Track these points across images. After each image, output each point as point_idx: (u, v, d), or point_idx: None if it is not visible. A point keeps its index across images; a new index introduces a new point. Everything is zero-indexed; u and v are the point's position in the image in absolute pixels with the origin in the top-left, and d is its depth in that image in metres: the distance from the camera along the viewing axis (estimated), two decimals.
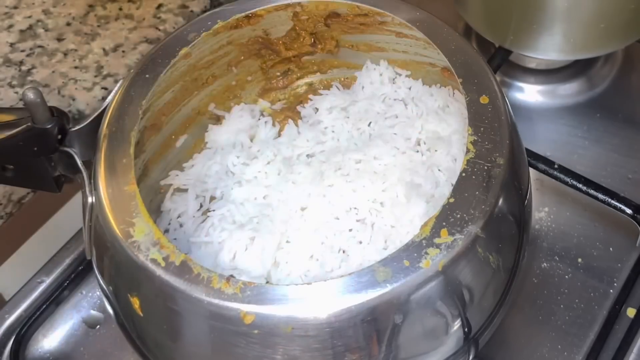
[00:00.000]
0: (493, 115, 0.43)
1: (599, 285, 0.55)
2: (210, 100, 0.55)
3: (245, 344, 0.38)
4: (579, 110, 0.66)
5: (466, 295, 0.40)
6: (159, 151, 0.52)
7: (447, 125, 0.51)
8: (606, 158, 0.62)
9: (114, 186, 0.42)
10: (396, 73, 0.55)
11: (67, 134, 0.45)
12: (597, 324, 0.53)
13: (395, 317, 0.38)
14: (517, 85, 0.68)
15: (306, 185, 0.49)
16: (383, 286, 0.37)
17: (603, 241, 0.57)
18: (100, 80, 0.63)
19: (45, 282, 0.56)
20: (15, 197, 0.57)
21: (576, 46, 0.63)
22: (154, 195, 0.51)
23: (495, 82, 0.45)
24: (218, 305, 0.37)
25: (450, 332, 0.41)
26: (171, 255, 0.39)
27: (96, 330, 0.55)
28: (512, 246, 0.44)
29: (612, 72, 0.68)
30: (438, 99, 0.53)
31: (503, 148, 0.42)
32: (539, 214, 0.59)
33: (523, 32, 0.62)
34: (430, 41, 0.48)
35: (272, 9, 0.51)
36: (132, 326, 0.44)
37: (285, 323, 0.37)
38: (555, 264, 0.56)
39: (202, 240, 0.48)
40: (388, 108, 0.54)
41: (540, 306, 0.54)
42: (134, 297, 0.41)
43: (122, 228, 0.40)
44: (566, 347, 0.52)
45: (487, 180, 0.40)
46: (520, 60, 0.68)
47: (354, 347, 0.38)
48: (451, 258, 0.38)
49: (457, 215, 0.39)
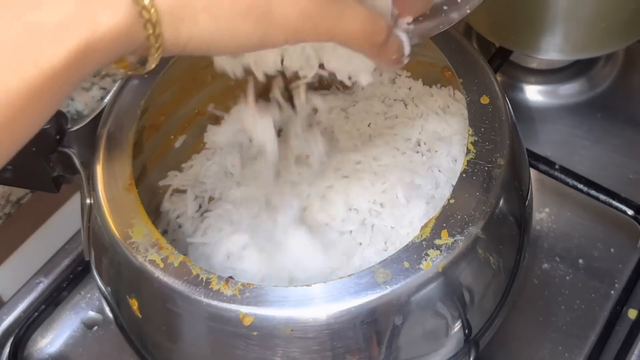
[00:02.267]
0: (494, 116, 0.43)
1: (600, 286, 0.55)
2: (209, 100, 0.55)
3: (245, 345, 0.37)
4: (580, 111, 0.66)
5: (466, 296, 0.40)
6: (157, 151, 0.51)
7: (447, 126, 0.51)
8: (607, 158, 0.62)
9: (112, 187, 0.42)
10: (396, 73, 0.55)
11: (66, 134, 0.45)
12: (598, 325, 0.53)
13: (395, 319, 0.38)
14: (518, 86, 0.68)
15: (305, 186, 0.49)
16: (383, 287, 0.36)
17: (604, 242, 0.57)
18: (99, 80, 0.63)
19: (44, 283, 0.56)
20: (13, 197, 0.57)
21: (577, 46, 0.62)
22: (152, 196, 0.51)
23: (496, 82, 0.45)
24: (217, 306, 0.37)
25: (450, 334, 0.41)
26: (170, 256, 0.39)
27: (95, 331, 0.55)
28: (512, 247, 0.44)
29: (613, 72, 0.68)
30: (438, 99, 0.53)
31: (504, 148, 0.42)
32: (540, 214, 0.58)
33: (524, 32, 0.62)
34: (430, 41, 0.47)
35: None
36: (130, 327, 0.44)
37: (285, 325, 0.36)
38: (556, 264, 0.56)
39: (199, 241, 0.48)
40: (388, 108, 0.54)
41: (541, 307, 0.54)
42: (132, 298, 0.41)
43: (120, 229, 0.40)
44: (567, 349, 0.52)
45: (488, 181, 0.40)
46: (521, 60, 0.68)
47: (354, 348, 0.38)
48: (451, 259, 0.38)
49: (457, 216, 0.39)
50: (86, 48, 0.27)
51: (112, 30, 0.28)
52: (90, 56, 0.28)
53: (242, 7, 0.30)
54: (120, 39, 0.28)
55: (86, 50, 0.27)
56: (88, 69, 0.28)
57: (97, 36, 0.28)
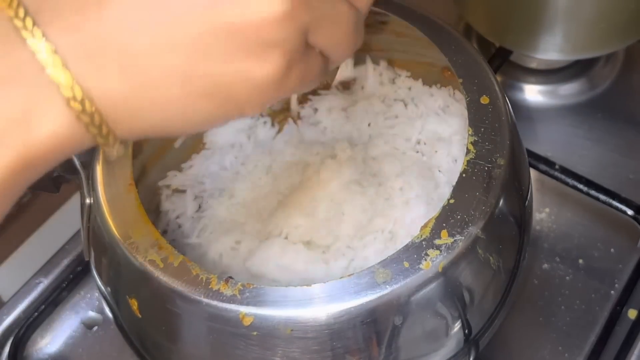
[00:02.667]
0: (493, 116, 0.43)
1: (600, 286, 0.55)
2: None
3: (244, 345, 0.37)
4: (580, 111, 0.66)
5: (466, 296, 0.40)
6: (157, 152, 0.51)
7: (447, 126, 0.51)
8: (607, 159, 0.62)
9: (112, 187, 0.42)
10: (396, 73, 0.54)
11: None
12: (598, 325, 0.53)
13: (395, 319, 0.38)
14: (518, 86, 0.68)
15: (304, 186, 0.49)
16: (383, 288, 0.36)
17: (604, 242, 0.57)
18: None
19: (44, 283, 0.56)
20: None
21: (577, 46, 0.62)
22: (152, 196, 0.51)
23: (496, 82, 0.45)
24: (217, 306, 0.37)
25: (450, 334, 0.41)
26: (170, 256, 0.38)
27: (95, 331, 0.55)
28: (512, 247, 0.44)
29: (613, 72, 0.68)
30: (438, 99, 0.52)
31: (504, 149, 0.42)
32: (540, 214, 0.58)
33: (524, 32, 0.62)
34: (430, 41, 0.47)
35: None
36: (130, 328, 0.44)
37: (285, 325, 0.36)
38: (556, 265, 0.56)
39: (195, 241, 0.48)
40: (388, 108, 0.54)
41: (541, 307, 0.54)
42: (132, 298, 0.41)
43: (120, 229, 0.40)
44: (567, 349, 0.52)
45: (488, 181, 0.40)
46: (521, 60, 0.68)
47: (354, 348, 0.38)
48: (451, 259, 0.38)
49: (457, 216, 0.39)
50: (23, 161, 0.26)
51: (51, 139, 0.26)
52: (28, 168, 0.26)
53: (197, 92, 0.28)
54: (63, 145, 0.27)
55: (24, 163, 0.26)
56: (30, 177, 0.27)
57: (33, 149, 0.26)
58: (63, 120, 0.26)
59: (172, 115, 0.28)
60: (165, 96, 0.27)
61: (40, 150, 0.26)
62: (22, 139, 0.26)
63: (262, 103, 0.29)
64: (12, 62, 0.26)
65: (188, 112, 0.28)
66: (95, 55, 0.26)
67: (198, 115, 0.29)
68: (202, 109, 0.28)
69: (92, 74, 0.26)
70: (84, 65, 0.26)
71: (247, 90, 0.28)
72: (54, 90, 0.26)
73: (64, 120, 0.26)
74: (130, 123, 0.28)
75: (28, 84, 0.26)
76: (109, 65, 0.26)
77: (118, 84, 0.27)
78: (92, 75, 0.26)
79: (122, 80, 0.27)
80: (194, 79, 0.27)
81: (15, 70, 0.26)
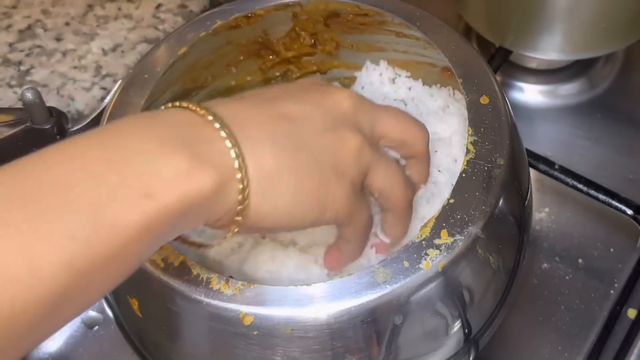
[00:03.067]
0: (493, 116, 0.43)
1: (599, 286, 0.55)
2: (209, 100, 0.55)
3: (245, 345, 0.37)
4: (580, 111, 0.66)
5: (466, 296, 0.40)
6: None
7: (447, 126, 0.51)
8: (607, 158, 0.62)
9: None
10: (396, 73, 0.55)
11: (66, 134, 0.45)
12: (597, 324, 0.53)
13: (395, 318, 0.38)
14: (518, 86, 0.68)
15: None
16: (383, 287, 0.37)
17: (604, 242, 0.57)
18: (99, 80, 0.63)
19: None
20: None
21: (577, 46, 0.62)
22: None
23: (496, 82, 0.45)
24: (217, 306, 0.37)
25: (450, 333, 0.41)
26: (170, 256, 0.39)
27: (95, 331, 0.55)
28: (512, 247, 0.44)
29: (613, 72, 0.68)
30: (438, 100, 0.52)
31: (503, 148, 0.42)
32: (540, 214, 0.58)
33: (523, 32, 0.62)
34: (430, 41, 0.47)
35: (272, 9, 0.51)
36: (131, 327, 0.44)
37: (285, 324, 0.36)
38: (556, 264, 0.56)
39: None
40: None
41: (541, 307, 0.54)
42: (133, 298, 0.41)
43: None
44: (567, 348, 0.52)
45: (488, 180, 0.40)
46: (521, 60, 0.68)
47: (354, 348, 0.38)
48: (451, 259, 0.38)
49: (457, 216, 0.39)
50: (189, 200, 0.31)
51: (210, 188, 0.32)
52: (189, 209, 0.31)
53: (309, 189, 0.36)
54: (212, 199, 0.32)
55: (188, 201, 0.31)
56: (186, 221, 0.32)
57: (195, 193, 0.31)
58: (235, 197, 0.34)
59: (294, 207, 0.36)
60: (295, 185, 0.35)
61: (200, 197, 0.32)
62: (194, 181, 0.32)
63: (340, 217, 0.39)
64: (215, 148, 0.33)
65: (300, 208, 0.36)
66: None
67: (302, 212, 0.36)
68: (307, 209, 0.36)
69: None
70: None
71: (339, 197, 0.37)
72: (235, 179, 0.33)
73: (224, 174, 0.33)
74: (264, 200, 0.35)
75: (221, 169, 0.33)
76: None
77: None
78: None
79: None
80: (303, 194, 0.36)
81: (218, 156, 0.33)
